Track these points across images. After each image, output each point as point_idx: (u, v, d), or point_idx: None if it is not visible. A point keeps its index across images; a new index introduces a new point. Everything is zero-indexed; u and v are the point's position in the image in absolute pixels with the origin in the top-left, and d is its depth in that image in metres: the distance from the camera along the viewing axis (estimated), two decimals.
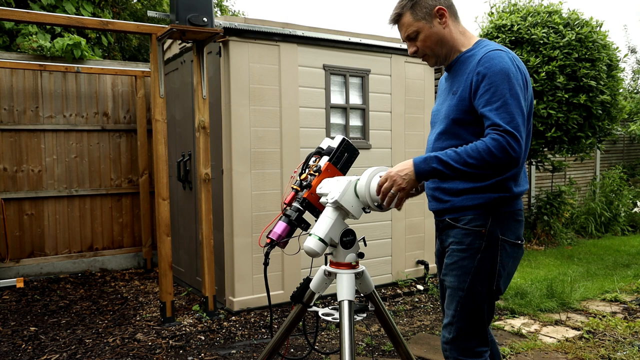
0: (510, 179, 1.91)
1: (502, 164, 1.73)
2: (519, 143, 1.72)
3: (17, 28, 7.15)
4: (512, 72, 1.79)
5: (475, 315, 1.94)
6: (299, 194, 2.07)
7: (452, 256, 1.97)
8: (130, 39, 9.81)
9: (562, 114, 6.23)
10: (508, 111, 1.74)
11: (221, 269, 4.32)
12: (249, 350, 3.53)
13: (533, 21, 6.37)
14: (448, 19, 1.96)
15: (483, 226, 1.90)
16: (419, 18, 1.95)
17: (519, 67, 1.85)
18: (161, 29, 3.83)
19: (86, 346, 3.62)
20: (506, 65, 1.80)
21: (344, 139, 2.13)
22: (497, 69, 1.79)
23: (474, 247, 1.91)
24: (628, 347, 3.51)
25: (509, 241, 1.92)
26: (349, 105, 4.71)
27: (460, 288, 1.94)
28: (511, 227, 1.93)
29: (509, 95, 1.76)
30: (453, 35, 1.98)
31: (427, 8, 1.94)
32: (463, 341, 1.96)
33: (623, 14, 34.73)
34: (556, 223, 7.62)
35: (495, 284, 1.92)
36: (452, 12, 1.99)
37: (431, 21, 1.95)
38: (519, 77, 1.82)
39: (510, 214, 1.93)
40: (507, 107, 1.75)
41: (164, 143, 3.93)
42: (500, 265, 1.91)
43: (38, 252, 5.64)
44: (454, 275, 1.96)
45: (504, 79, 1.78)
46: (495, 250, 1.90)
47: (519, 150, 1.73)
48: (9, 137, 5.46)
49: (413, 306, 4.53)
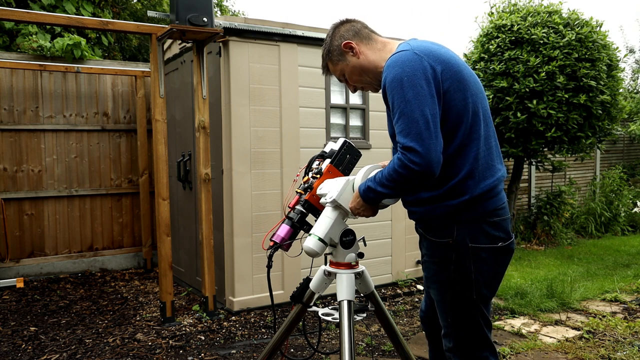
0: (465, 178, 1.80)
1: (413, 179, 1.70)
2: (417, 154, 1.66)
3: (17, 28, 7.16)
4: (405, 75, 1.71)
5: (468, 322, 1.90)
6: (302, 197, 2.08)
7: (427, 269, 1.96)
8: (130, 39, 9.81)
9: (562, 114, 6.23)
10: (405, 122, 1.69)
11: (221, 269, 4.33)
12: (249, 350, 3.53)
13: (533, 21, 6.37)
14: (359, 47, 1.97)
15: (449, 236, 1.83)
16: (336, 61, 2.02)
17: (426, 58, 1.75)
18: (161, 29, 3.83)
19: (86, 346, 3.62)
20: (399, 70, 1.73)
21: (345, 141, 2.14)
22: (390, 78, 1.75)
23: (444, 259, 1.86)
24: (628, 347, 3.51)
25: (482, 247, 1.82)
26: (349, 105, 4.71)
27: (443, 300, 1.92)
28: (484, 231, 1.82)
29: (402, 102, 1.70)
30: (370, 59, 1.97)
31: (337, 49, 2.00)
32: (463, 348, 1.93)
33: (623, 14, 34.73)
34: (556, 223, 7.62)
35: (475, 293, 1.85)
36: (361, 37, 1.98)
37: (345, 58, 1.99)
38: (418, 73, 1.71)
39: (480, 217, 1.82)
40: (403, 117, 1.70)
41: (164, 143, 3.93)
42: (477, 273, 1.83)
43: (38, 252, 5.64)
44: (435, 288, 1.94)
45: (396, 87, 1.73)
46: (466, 260, 1.82)
47: (421, 160, 1.66)
48: (9, 137, 5.46)
49: (413, 306, 4.53)
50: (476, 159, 1.81)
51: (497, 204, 1.86)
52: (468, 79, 1.83)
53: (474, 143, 1.81)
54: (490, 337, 1.96)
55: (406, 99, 1.70)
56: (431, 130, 1.68)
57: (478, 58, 6.69)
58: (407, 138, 1.68)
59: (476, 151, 1.81)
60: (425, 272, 1.99)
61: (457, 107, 1.78)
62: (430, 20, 51.26)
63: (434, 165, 1.68)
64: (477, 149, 1.81)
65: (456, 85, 1.78)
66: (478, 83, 1.89)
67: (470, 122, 1.81)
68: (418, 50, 1.77)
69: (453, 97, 1.77)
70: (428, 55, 1.76)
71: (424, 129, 1.67)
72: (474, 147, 1.81)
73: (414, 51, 1.76)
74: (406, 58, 1.75)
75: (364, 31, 2.00)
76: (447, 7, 53.40)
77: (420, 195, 1.88)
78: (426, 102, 1.69)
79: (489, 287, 1.89)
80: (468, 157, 1.80)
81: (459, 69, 1.81)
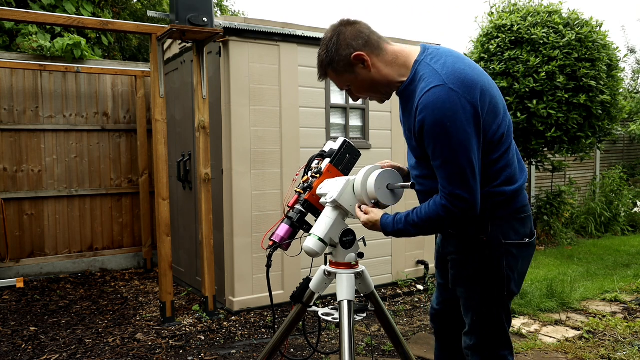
0: (501, 184, 1.82)
1: (453, 222, 1.78)
2: (465, 201, 1.70)
3: (17, 28, 7.15)
4: (448, 120, 1.63)
5: (493, 321, 1.91)
6: (302, 196, 2.08)
7: (456, 267, 1.93)
8: (130, 39, 9.81)
9: (562, 114, 6.23)
10: (451, 170, 1.69)
11: (221, 269, 4.33)
12: (249, 350, 3.53)
13: (533, 21, 6.37)
14: (370, 60, 1.79)
15: (483, 233, 1.83)
16: (341, 72, 1.83)
17: (463, 93, 1.65)
18: (161, 29, 3.83)
19: (86, 346, 3.62)
20: (439, 114, 1.64)
21: (345, 140, 2.13)
22: (432, 120, 1.65)
23: (476, 256, 1.86)
24: (628, 347, 3.51)
25: (513, 243, 1.85)
26: (349, 105, 4.71)
27: (471, 298, 1.91)
28: (514, 227, 1.86)
29: (448, 150, 1.66)
30: (383, 73, 1.82)
31: (345, 60, 1.79)
32: (485, 347, 1.93)
33: (623, 14, 34.73)
34: (556, 223, 7.62)
35: (506, 289, 1.87)
36: (372, 48, 1.80)
37: (354, 71, 1.81)
38: (460, 115, 1.64)
39: (511, 214, 1.86)
40: (449, 165, 1.68)
41: (164, 143, 3.93)
42: (508, 269, 1.85)
43: (38, 252, 5.64)
44: (463, 285, 1.92)
45: (440, 132, 1.65)
46: (499, 256, 1.84)
47: (467, 206, 1.71)
48: (9, 137, 5.46)
49: (413, 306, 4.53)
50: (508, 165, 1.84)
51: (524, 202, 1.90)
52: (497, 94, 1.82)
53: (509, 151, 1.84)
54: (509, 335, 1.97)
55: (452, 147, 1.66)
56: (476, 174, 1.71)
57: (478, 58, 6.70)
58: (453, 185, 1.70)
59: (512, 156, 1.84)
60: (452, 270, 1.96)
61: (494, 126, 1.77)
62: (430, 20, 51.25)
63: (477, 209, 1.74)
64: (511, 154, 1.84)
65: (492, 107, 1.76)
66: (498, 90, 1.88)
67: (506, 132, 1.82)
68: (454, 85, 1.65)
69: (490, 117, 1.75)
70: (463, 88, 1.67)
71: (470, 176, 1.69)
72: (510, 153, 1.84)
73: (449, 87, 1.65)
74: (445, 98, 1.64)
75: (373, 39, 1.81)
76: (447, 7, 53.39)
77: None
78: (472, 148, 1.68)
79: (517, 284, 1.91)
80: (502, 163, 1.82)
81: (489, 87, 1.77)
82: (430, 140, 1.70)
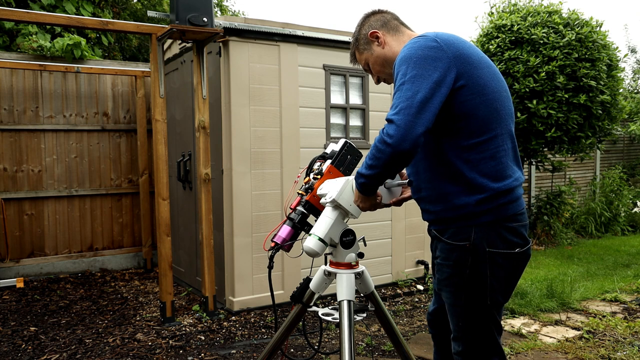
0: (483, 176, 1.74)
1: (387, 155, 1.64)
2: (395, 127, 1.60)
3: (17, 28, 7.16)
4: (416, 56, 1.66)
5: (479, 327, 1.87)
6: (303, 197, 2.09)
7: (441, 271, 1.90)
8: (130, 39, 9.81)
9: (562, 114, 6.23)
10: (398, 96, 1.65)
11: (221, 269, 4.33)
12: (249, 350, 3.53)
13: (533, 21, 6.37)
14: (384, 38, 1.97)
15: (467, 240, 1.78)
16: (362, 50, 2.03)
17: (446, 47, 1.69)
18: (161, 29, 3.83)
19: (86, 346, 3.62)
20: (412, 50, 1.69)
21: (346, 141, 2.14)
22: (400, 56, 1.73)
23: (460, 262, 1.80)
24: (628, 347, 3.51)
25: (500, 252, 1.77)
26: (349, 105, 4.71)
27: (455, 304, 1.88)
28: (502, 236, 1.77)
29: (403, 80, 1.66)
30: (394, 50, 1.95)
31: (364, 38, 2.01)
32: (472, 354, 1.90)
33: (623, 14, 34.74)
34: (556, 223, 7.62)
35: (489, 299, 1.81)
36: (389, 28, 1.98)
37: (371, 48, 2.00)
38: (431, 58, 1.65)
39: (499, 222, 1.77)
40: (399, 93, 1.65)
41: (164, 143, 3.93)
42: (492, 278, 1.78)
43: (38, 252, 5.64)
44: (447, 292, 1.89)
45: (403, 63, 1.69)
46: (483, 265, 1.77)
47: (396, 132, 1.59)
48: (9, 137, 5.46)
49: (413, 306, 4.53)
50: (493, 157, 1.75)
51: (516, 209, 1.80)
52: (489, 76, 1.77)
53: (495, 141, 1.76)
54: (500, 342, 1.91)
55: (408, 76, 1.65)
56: (419, 110, 1.60)
57: None
58: (392, 110, 1.64)
59: (494, 149, 1.76)
60: (437, 275, 1.94)
61: (471, 100, 1.72)
62: (430, 20, 51.26)
63: (408, 142, 1.60)
64: (495, 147, 1.76)
65: (475, 80, 1.72)
66: (501, 81, 1.83)
67: (491, 119, 1.75)
68: (440, 39, 1.71)
69: (470, 91, 1.71)
70: (448, 44, 1.70)
71: (411, 105, 1.61)
72: (492, 145, 1.76)
73: (433, 38, 1.72)
74: (423, 42, 1.71)
75: (393, 22, 1.99)
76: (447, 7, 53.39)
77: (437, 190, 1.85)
78: (427, 88, 1.62)
79: (503, 293, 1.85)
80: (485, 154, 1.75)
81: (480, 65, 1.75)
82: (395, 74, 1.72)
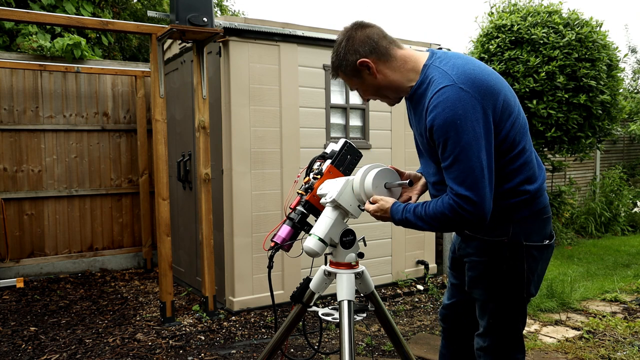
0: (522, 182, 1.79)
1: (461, 224, 1.71)
2: (472, 203, 1.64)
3: (17, 28, 7.15)
4: (458, 118, 1.62)
5: (509, 323, 1.91)
6: (303, 197, 2.09)
7: (475, 269, 1.91)
8: (130, 39, 9.81)
9: (562, 114, 6.23)
10: (460, 169, 1.64)
11: (221, 269, 4.33)
12: (249, 350, 3.53)
13: (533, 21, 6.37)
14: (376, 67, 1.80)
15: (504, 235, 1.81)
16: (349, 76, 1.87)
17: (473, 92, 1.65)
18: (161, 29, 3.83)
19: (86, 346, 3.62)
20: (450, 113, 1.63)
21: (346, 141, 2.14)
22: (442, 119, 1.64)
23: (497, 258, 1.83)
24: (628, 347, 3.51)
25: (535, 245, 1.82)
26: (349, 105, 4.71)
27: (489, 300, 1.90)
28: (536, 228, 1.83)
29: (458, 149, 1.63)
30: (390, 79, 1.82)
31: (351, 66, 1.82)
32: (499, 349, 1.93)
33: (623, 14, 34.75)
34: (556, 223, 7.61)
35: (525, 291, 1.85)
36: (379, 55, 1.80)
37: (361, 76, 1.84)
38: (470, 114, 1.62)
39: (534, 215, 1.82)
40: (458, 164, 1.64)
41: (164, 143, 3.93)
42: (529, 271, 1.83)
43: (38, 252, 5.64)
44: (481, 288, 1.91)
45: (450, 131, 1.63)
46: (520, 259, 1.81)
47: (475, 210, 1.65)
48: (9, 137, 5.46)
49: (413, 306, 4.53)
50: (526, 163, 1.80)
51: (545, 202, 1.87)
52: (509, 92, 1.78)
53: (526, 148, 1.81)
54: (523, 338, 1.97)
55: (461, 144, 1.62)
56: (486, 177, 1.65)
57: (478, 58, 6.69)
58: (461, 186, 1.65)
59: (527, 156, 1.81)
60: (470, 272, 1.93)
61: (507, 124, 1.74)
62: (430, 20, 51.27)
63: (487, 214, 1.67)
64: (528, 152, 1.81)
65: (505, 105, 1.73)
66: (511, 89, 1.85)
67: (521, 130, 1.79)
68: (463, 85, 1.65)
69: (504, 115, 1.72)
70: (473, 88, 1.66)
71: (479, 177, 1.64)
72: (527, 151, 1.81)
73: (459, 86, 1.64)
74: (455, 98, 1.63)
75: (382, 45, 1.80)
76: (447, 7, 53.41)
77: None
78: (481, 148, 1.64)
79: (536, 286, 1.89)
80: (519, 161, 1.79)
81: (500, 86, 1.74)
82: (440, 140, 1.67)
